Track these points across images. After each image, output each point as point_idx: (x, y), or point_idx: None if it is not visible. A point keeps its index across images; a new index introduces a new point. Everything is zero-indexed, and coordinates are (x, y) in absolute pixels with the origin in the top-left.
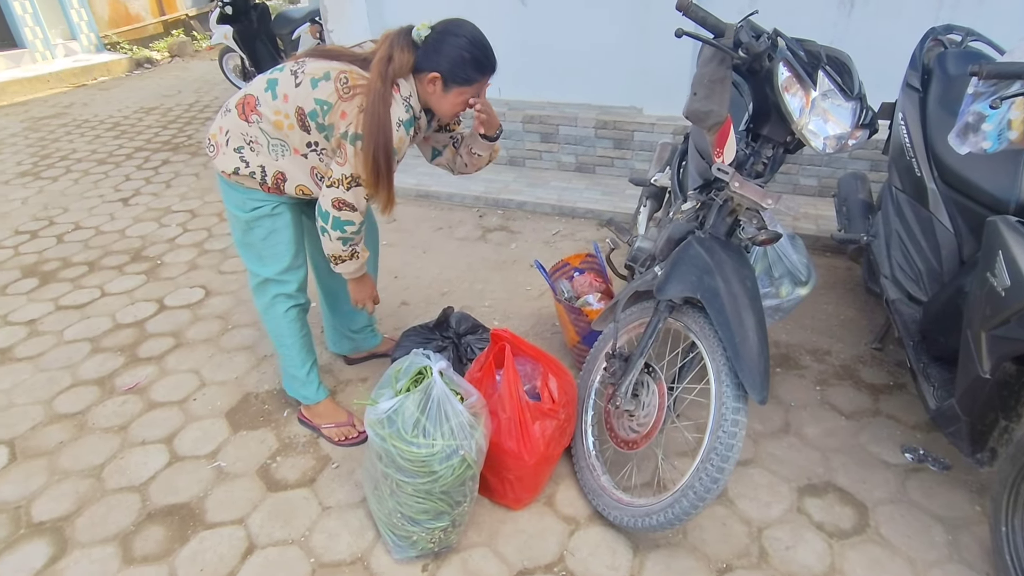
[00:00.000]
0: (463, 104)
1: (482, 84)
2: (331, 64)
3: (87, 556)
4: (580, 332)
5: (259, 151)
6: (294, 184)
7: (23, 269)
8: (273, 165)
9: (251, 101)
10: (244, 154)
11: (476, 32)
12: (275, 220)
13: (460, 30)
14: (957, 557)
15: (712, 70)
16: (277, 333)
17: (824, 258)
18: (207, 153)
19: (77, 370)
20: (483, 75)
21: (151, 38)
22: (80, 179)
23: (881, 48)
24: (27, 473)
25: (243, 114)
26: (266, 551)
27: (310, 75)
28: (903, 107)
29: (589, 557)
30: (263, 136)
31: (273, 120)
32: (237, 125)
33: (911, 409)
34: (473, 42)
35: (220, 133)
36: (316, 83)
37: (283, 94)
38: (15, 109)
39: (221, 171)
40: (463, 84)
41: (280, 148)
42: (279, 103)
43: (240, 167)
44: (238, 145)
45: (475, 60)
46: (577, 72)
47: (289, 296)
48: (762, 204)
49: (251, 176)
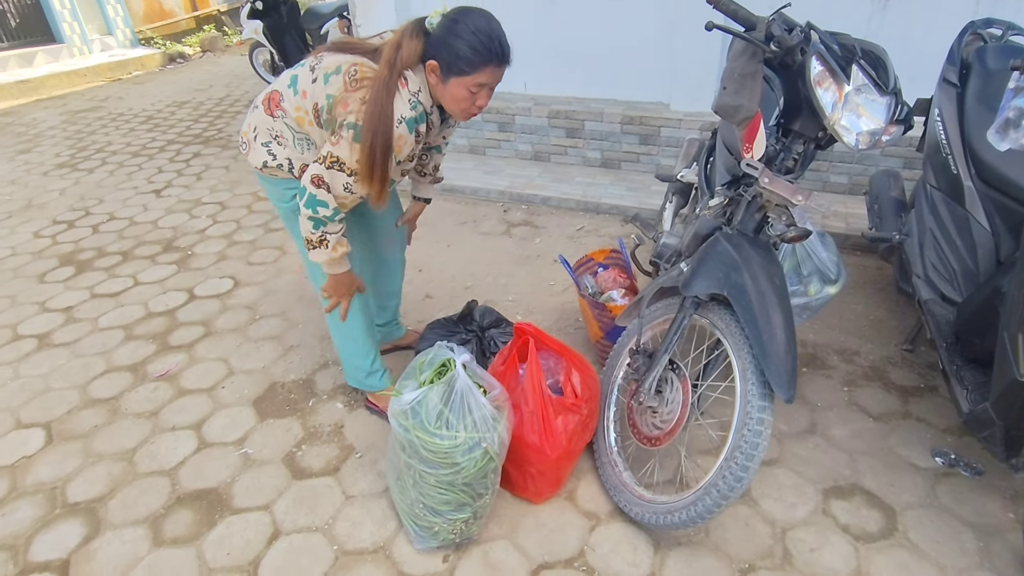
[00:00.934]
0: (466, 98)
1: (484, 75)
2: (344, 58)
3: (119, 537)
4: (604, 328)
5: (285, 144)
6: None
7: (60, 258)
8: (299, 158)
9: (276, 97)
10: (271, 147)
11: (485, 18)
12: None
13: (467, 16)
14: (988, 564)
15: (743, 64)
16: (339, 325)
17: (854, 257)
18: (240, 151)
19: (111, 356)
20: (484, 64)
21: (183, 33)
22: (115, 171)
23: (917, 42)
24: (63, 455)
25: (269, 109)
26: (291, 537)
27: (324, 70)
28: (939, 103)
29: (610, 553)
30: (288, 131)
31: (295, 116)
32: (263, 120)
33: (942, 412)
34: (477, 28)
35: (250, 130)
36: (328, 78)
37: (302, 90)
38: (54, 102)
39: (254, 167)
40: (460, 74)
41: (305, 143)
42: (299, 99)
43: (268, 160)
44: (265, 140)
45: (474, 47)
46: (603, 67)
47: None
48: (792, 200)
49: (280, 168)
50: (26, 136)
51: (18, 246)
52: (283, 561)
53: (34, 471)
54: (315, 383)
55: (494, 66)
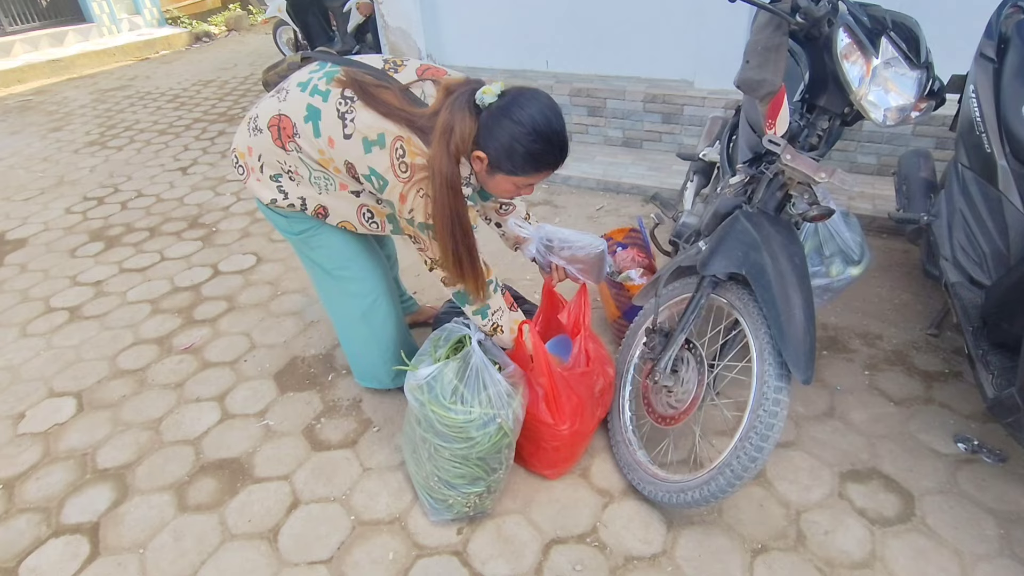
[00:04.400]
0: (512, 191)
1: (537, 177)
2: (384, 124)
3: (146, 502)
4: (621, 307)
5: (300, 181)
6: (337, 219)
7: (90, 233)
8: (316, 199)
9: (287, 126)
10: (282, 183)
11: (543, 115)
12: (332, 236)
13: (524, 110)
14: (1009, 552)
15: (767, 37)
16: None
17: (880, 239)
18: (236, 172)
19: (138, 329)
20: (538, 172)
21: (209, 12)
22: (143, 149)
23: (953, 14)
24: (93, 423)
25: (278, 139)
26: (309, 507)
27: (362, 133)
28: (975, 79)
29: (622, 530)
30: (304, 167)
31: (317, 158)
32: (272, 152)
33: (966, 398)
34: (535, 131)
35: (249, 154)
36: (370, 147)
37: (328, 137)
38: (84, 81)
39: (258, 199)
40: (510, 173)
41: (324, 182)
42: (323, 143)
43: (279, 198)
44: (274, 173)
45: (530, 154)
46: (626, 44)
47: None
48: (815, 178)
49: (291, 207)
50: (58, 115)
51: (50, 221)
52: (302, 529)
53: (66, 438)
54: (334, 358)
55: (549, 172)
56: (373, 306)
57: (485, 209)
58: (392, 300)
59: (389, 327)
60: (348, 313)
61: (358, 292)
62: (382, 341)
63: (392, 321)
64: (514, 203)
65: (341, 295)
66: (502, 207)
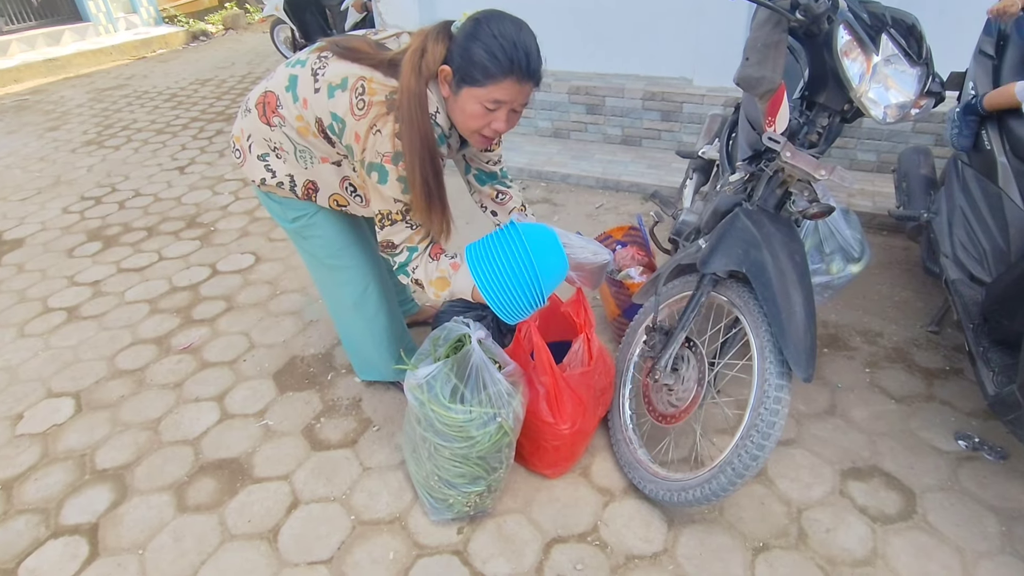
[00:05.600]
0: (479, 116)
1: (501, 89)
2: (350, 68)
3: (145, 502)
4: (620, 305)
5: (286, 158)
6: (327, 195)
7: (88, 233)
8: (302, 174)
9: (272, 101)
10: (270, 162)
11: (514, 24)
12: (325, 226)
13: (493, 18)
14: (1010, 549)
15: (767, 33)
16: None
17: (880, 236)
18: (234, 158)
19: (137, 329)
20: (502, 75)
21: (206, 11)
22: (140, 148)
23: (953, 11)
24: (91, 424)
25: (264, 116)
26: (309, 507)
27: (328, 80)
28: (974, 75)
29: (623, 529)
30: (288, 142)
31: (296, 126)
32: (259, 129)
33: (967, 395)
34: (501, 33)
35: (242, 136)
36: (333, 92)
37: (303, 98)
38: (81, 81)
39: (251, 181)
40: (473, 83)
41: (308, 155)
42: (299, 107)
43: (267, 177)
44: (262, 152)
45: (491, 52)
46: (625, 42)
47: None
48: (814, 175)
49: (280, 186)
50: (55, 114)
51: (48, 221)
52: (302, 529)
53: (64, 438)
54: (333, 357)
55: (514, 79)
56: (364, 295)
57: (481, 196)
58: (384, 290)
59: (382, 317)
60: (341, 302)
61: (349, 280)
62: (375, 330)
63: (384, 311)
64: (510, 189)
65: (334, 285)
66: (493, 170)
